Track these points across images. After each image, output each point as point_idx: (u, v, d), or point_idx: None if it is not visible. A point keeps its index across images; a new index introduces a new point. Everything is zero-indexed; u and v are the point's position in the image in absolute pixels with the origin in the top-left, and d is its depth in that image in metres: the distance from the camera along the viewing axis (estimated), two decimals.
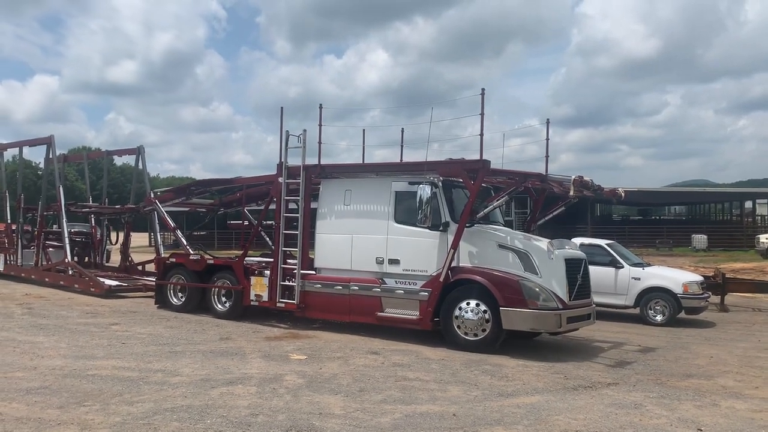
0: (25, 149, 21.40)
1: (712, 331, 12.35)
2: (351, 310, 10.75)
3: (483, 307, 9.47)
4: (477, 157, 9.95)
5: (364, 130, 12.76)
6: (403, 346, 9.65)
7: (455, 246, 9.77)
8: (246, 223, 14.26)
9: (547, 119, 11.95)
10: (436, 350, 9.39)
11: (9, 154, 23.70)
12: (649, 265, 14.29)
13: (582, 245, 13.98)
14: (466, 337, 9.57)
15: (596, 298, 13.66)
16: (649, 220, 68.00)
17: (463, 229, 9.80)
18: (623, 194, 12.23)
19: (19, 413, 5.78)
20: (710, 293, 14.17)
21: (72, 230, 20.29)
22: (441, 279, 9.77)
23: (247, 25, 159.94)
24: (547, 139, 11.61)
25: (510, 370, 8.25)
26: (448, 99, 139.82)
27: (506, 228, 10.76)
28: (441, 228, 10.01)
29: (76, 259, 19.00)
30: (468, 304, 9.59)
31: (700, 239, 36.05)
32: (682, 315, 13.11)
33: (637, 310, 13.31)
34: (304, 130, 11.39)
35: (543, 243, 9.80)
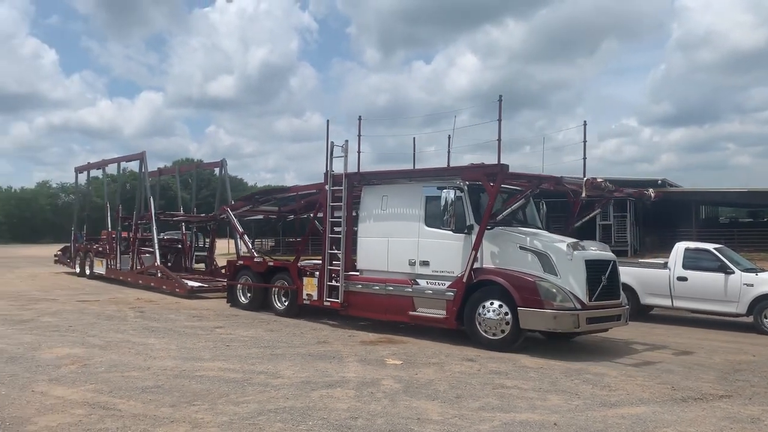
0: (124, 163, 23.40)
1: None
2: (387, 309, 11.28)
3: (504, 308, 9.73)
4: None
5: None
6: (499, 354, 9.51)
7: (476, 248, 10.06)
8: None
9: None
10: (533, 359, 9.20)
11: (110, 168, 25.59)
12: (762, 270, 13.37)
13: (688, 250, 13.31)
14: (488, 336, 9.87)
15: (704, 306, 13.02)
16: (760, 223, 63.59)
17: (483, 232, 10.08)
18: (653, 195, 12.23)
19: (136, 410, 6.14)
20: None
21: (164, 237, 22.64)
22: (464, 280, 10.11)
23: (338, 36, 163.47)
24: (585, 142, 11.99)
25: (612, 379, 7.95)
26: (540, 100, 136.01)
27: (531, 229, 10.84)
28: (466, 231, 10.34)
29: (170, 264, 20.90)
30: (491, 303, 9.88)
31: None
32: None
33: (749, 319, 12.48)
34: (346, 141, 12.14)
35: (563, 244, 9.90)
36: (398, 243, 11.29)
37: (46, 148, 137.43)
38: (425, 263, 10.82)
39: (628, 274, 14.03)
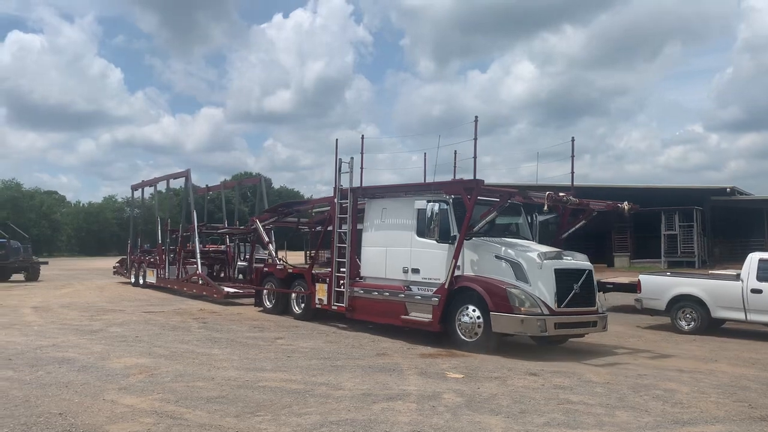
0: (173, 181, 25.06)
1: None
2: (385, 313, 12.27)
3: (477, 313, 10.60)
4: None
5: (424, 153, 13.94)
6: (564, 367, 9.31)
7: (456, 256, 10.94)
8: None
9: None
10: (600, 373, 8.96)
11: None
12: None
13: (762, 261, 12.77)
14: (464, 338, 10.75)
15: None
16: None
17: (462, 242, 10.95)
18: (627, 208, 12.65)
19: (202, 420, 6.27)
20: None
21: (209, 248, 24.61)
22: (446, 286, 10.98)
23: (392, 48, 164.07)
24: (572, 156, 12.94)
25: (684, 396, 7.65)
26: (600, 107, 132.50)
27: (512, 239, 11.77)
28: (450, 241, 11.20)
29: (215, 273, 22.76)
30: (467, 308, 10.75)
31: None
32: None
33: None
34: (352, 158, 13.39)
35: (534, 254, 10.63)
36: (394, 252, 12.31)
37: (111, 163, 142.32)
38: (416, 271, 11.79)
39: (697, 286, 13.55)
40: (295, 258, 27.87)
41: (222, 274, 23.22)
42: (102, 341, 11.14)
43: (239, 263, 23.25)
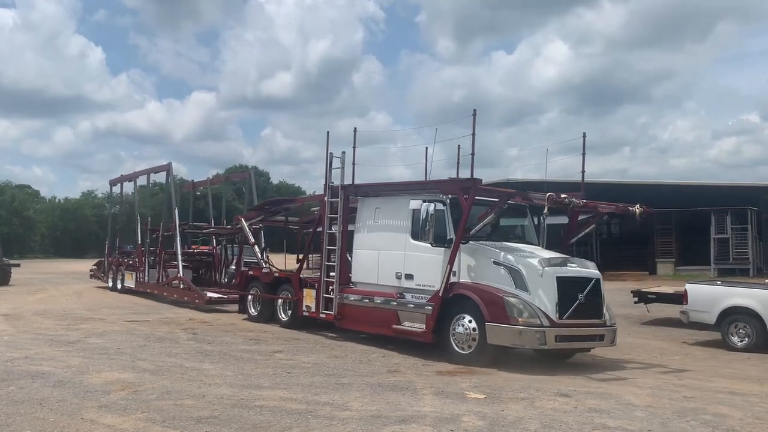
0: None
1: None
2: (375, 322, 12.59)
3: (473, 323, 10.84)
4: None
5: (427, 147, 14.53)
6: (599, 387, 9.30)
7: (452, 262, 11.20)
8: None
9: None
10: (640, 394, 8.94)
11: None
12: None
13: None
14: (459, 350, 11.03)
15: None
16: None
17: (458, 246, 11.23)
18: (638, 211, 12.69)
19: None
20: None
21: (195, 249, 25.44)
22: (440, 294, 11.26)
23: (407, 26, 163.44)
24: (583, 154, 14.31)
25: (736, 422, 7.61)
26: (642, 93, 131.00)
27: (514, 244, 11.96)
28: (446, 245, 11.45)
29: (201, 277, 23.27)
30: (463, 318, 11.00)
31: None
32: None
33: None
34: (344, 152, 13.73)
35: (535, 260, 10.84)
36: (387, 256, 12.59)
37: (91, 154, 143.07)
38: (410, 277, 12.09)
39: (751, 297, 13.50)
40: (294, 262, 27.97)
41: (209, 278, 23.69)
42: (80, 353, 11.23)
43: (232, 267, 23.38)
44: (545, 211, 11.58)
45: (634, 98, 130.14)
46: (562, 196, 11.69)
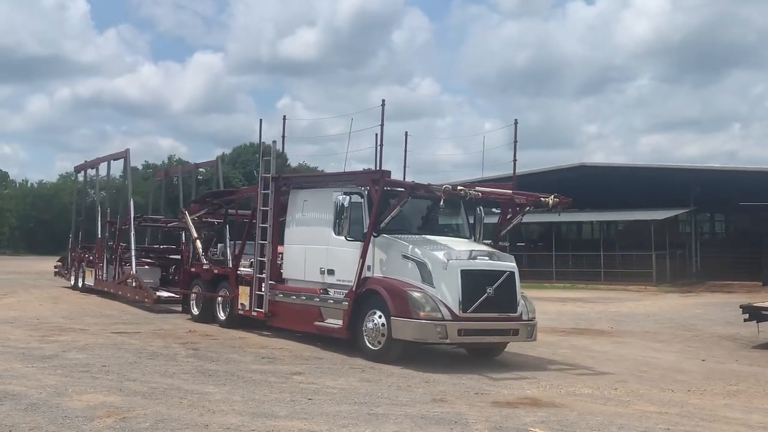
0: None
1: None
2: (301, 320, 14.66)
3: (382, 319, 12.79)
4: None
5: (376, 134, 15.86)
6: (692, 423, 9.18)
7: (363, 256, 13.25)
8: None
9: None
10: None
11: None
12: None
13: None
14: (370, 347, 13.03)
15: None
16: None
17: (370, 240, 13.28)
18: (551, 202, 14.48)
19: None
20: None
21: (161, 247, 28.23)
22: (354, 289, 13.30)
23: None
24: (515, 141, 16.44)
25: None
26: (758, 55, 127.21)
27: (428, 236, 13.82)
28: (361, 238, 13.42)
29: (170, 276, 25.24)
30: (375, 313, 12.96)
31: None
32: None
33: None
34: (274, 141, 16.23)
35: (441, 252, 12.82)
36: (313, 251, 14.73)
37: (71, 129, 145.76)
38: (331, 272, 14.18)
39: None
40: None
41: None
42: (57, 371, 11.43)
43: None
44: (441, 203, 13.18)
45: (747, 62, 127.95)
46: (459, 188, 13.30)
